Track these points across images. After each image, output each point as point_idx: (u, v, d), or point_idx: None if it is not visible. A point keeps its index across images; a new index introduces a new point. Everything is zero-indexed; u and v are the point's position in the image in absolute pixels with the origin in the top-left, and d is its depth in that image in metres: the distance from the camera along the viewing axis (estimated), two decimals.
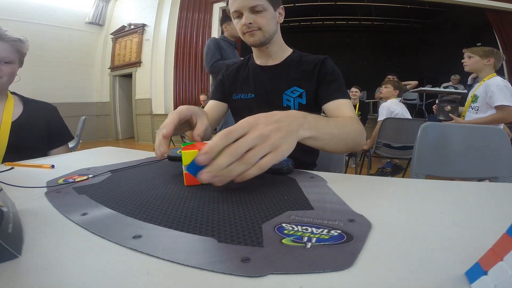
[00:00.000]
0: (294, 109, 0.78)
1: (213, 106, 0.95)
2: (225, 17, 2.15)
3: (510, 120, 1.68)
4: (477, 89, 1.82)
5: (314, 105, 0.84)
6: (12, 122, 0.87)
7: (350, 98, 0.80)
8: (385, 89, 2.62)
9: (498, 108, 1.68)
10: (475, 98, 1.84)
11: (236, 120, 0.96)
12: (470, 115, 1.88)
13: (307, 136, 0.47)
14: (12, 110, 0.89)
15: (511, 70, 4.35)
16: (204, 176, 0.36)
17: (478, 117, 1.80)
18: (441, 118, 2.07)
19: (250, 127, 0.39)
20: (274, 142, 0.39)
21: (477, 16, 4.84)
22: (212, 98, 0.99)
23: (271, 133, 0.39)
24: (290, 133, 0.42)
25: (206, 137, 0.74)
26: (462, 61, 1.89)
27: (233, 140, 0.37)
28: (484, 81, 1.78)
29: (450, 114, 1.98)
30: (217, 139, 0.36)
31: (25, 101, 0.96)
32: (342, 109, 0.75)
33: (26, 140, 0.88)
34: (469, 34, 5.48)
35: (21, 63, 0.91)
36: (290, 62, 0.85)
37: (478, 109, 1.80)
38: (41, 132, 0.94)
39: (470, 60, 1.85)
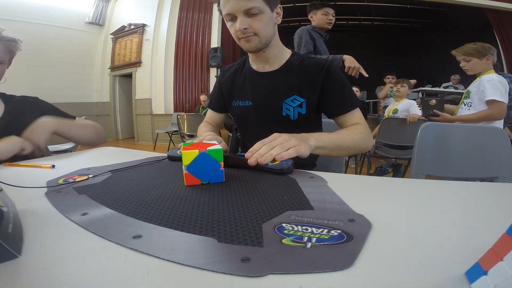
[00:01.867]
0: (293, 118, 0.80)
1: (212, 116, 0.98)
2: (312, 6, 1.94)
3: (501, 117, 1.59)
4: (472, 85, 1.74)
5: (314, 115, 0.82)
6: None
7: (359, 103, 0.78)
8: (403, 88, 2.66)
9: (489, 103, 1.59)
10: (467, 94, 1.75)
11: (238, 126, 0.96)
12: (462, 111, 1.78)
13: (315, 145, 0.61)
14: (3, 110, 0.87)
15: (511, 69, 4.35)
16: (251, 160, 0.50)
17: (470, 113, 1.70)
18: (426, 114, 1.95)
19: (276, 137, 0.55)
20: (295, 142, 0.55)
21: (477, 16, 4.85)
22: (209, 106, 0.99)
23: (291, 138, 0.56)
24: (304, 141, 0.58)
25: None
26: (461, 65, 1.78)
27: (266, 143, 0.54)
28: (479, 77, 1.69)
29: (435, 110, 1.87)
30: (258, 144, 0.54)
31: (2, 97, 0.93)
32: (352, 120, 0.76)
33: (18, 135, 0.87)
34: (469, 34, 5.47)
35: (9, 64, 0.89)
36: (290, 67, 0.80)
37: (471, 105, 1.71)
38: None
39: (470, 63, 1.73)
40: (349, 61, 1.70)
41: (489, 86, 1.59)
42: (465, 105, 1.77)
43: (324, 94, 0.77)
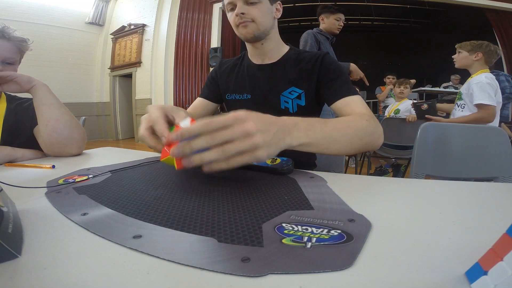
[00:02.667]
0: (293, 111, 0.78)
1: (199, 105, 0.91)
2: (325, 8, 2.00)
3: (490, 120, 1.57)
4: (463, 86, 1.74)
5: (314, 106, 0.81)
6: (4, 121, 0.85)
7: (358, 93, 0.72)
8: (406, 90, 2.70)
9: (478, 106, 1.59)
10: (459, 95, 1.76)
11: None
12: (456, 112, 1.79)
13: (296, 144, 0.45)
14: (4, 110, 0.88)
15: (511, 69, 4.35)
16: (175, 150, 0.36)
17: (462, 115, 1.70)
18: (419, 118, 1.98)
19: (236, 121, 0.37)
20: (257, 143, 0.37)
21: (477, 16, 4.84)
22: (201, 96, 0.93)
23: (257, 133, 0.37)
24: (275, 141, 0.41)
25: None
26: (453, 56, 1.79)
27: (213, 130, 0.36)
28: (471, 77, 1.68)
29: (427, 116, 1.88)
30: (197, 125, 0.36)
31: (8, 97, 0.93)
32: (352, 106, 0.67)
33: (20, 134, 0.86)
34: (469, 34, 5.47)
35: (19, 63, 0.90)
36: (287, 60, 0.81)
37: (464, 107, 1.71)
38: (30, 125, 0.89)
39: (459, 55, 1.74)
40: (355, 73, 1.86)
41: (476, 89, 1.58)
42: (458, 106, 1.77)
43: (321, 83, 0.77)
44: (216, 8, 5.34)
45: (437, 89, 4.69)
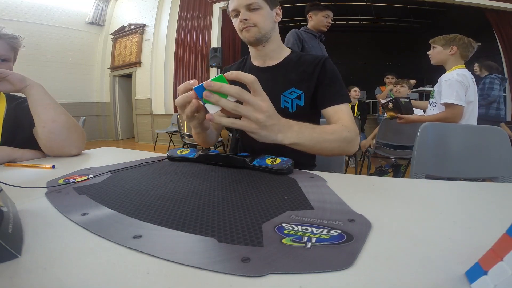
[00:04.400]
0: (292, 111, 0.80)
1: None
2: (313, 6, 2.02)
3: (456, 121, 1.48)
4: (437, 83, 1.66)
5: (312, 107, 0.82)
6: (3, 121, 0.85)
7: (350, 101, 0.79)
8: (402, 88, 2.70)
9: (445, 105, 1.50)
10: (432, 93, 1.68)
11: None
12: (429, 111, 1.72)
13: (287, 143, 0.53)
14: (4, 109, 0.87)
15: (511, 70, 4.35)
16: (209, 81, 0.44)
17: (432, 114, 1.62)
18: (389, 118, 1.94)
19: (261, 96, 0.48)
20: (259, 119, 0.47)
21: (477, 16, 4.84)
22: None
23: (265, 114, 0.47)
24: (271, 129, 0.49)
25: (211, 142, 0.78)
26: (428, 52, 1.71)
27: (240, 99, 0.46)
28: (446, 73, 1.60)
29: (398, 115, 1.81)
30: (234, 89, 0.45)
31: (7, 96, 0.92)
32: (340, 114, 0.75)
33: (19, 134, 0.85)
34: (469, 34, 5.48)
35: (14, 61, 0.90)
36: (288, 62, 0.84)
37: (435, 105, 1.62)
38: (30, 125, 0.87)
39: (433, 51, 1.66)
40: None
41: (445, 86, 1.51)
42: (430, 104, 1.71)
43: (318, 86, 0.80)
44: (216, 8, 5.34)
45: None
